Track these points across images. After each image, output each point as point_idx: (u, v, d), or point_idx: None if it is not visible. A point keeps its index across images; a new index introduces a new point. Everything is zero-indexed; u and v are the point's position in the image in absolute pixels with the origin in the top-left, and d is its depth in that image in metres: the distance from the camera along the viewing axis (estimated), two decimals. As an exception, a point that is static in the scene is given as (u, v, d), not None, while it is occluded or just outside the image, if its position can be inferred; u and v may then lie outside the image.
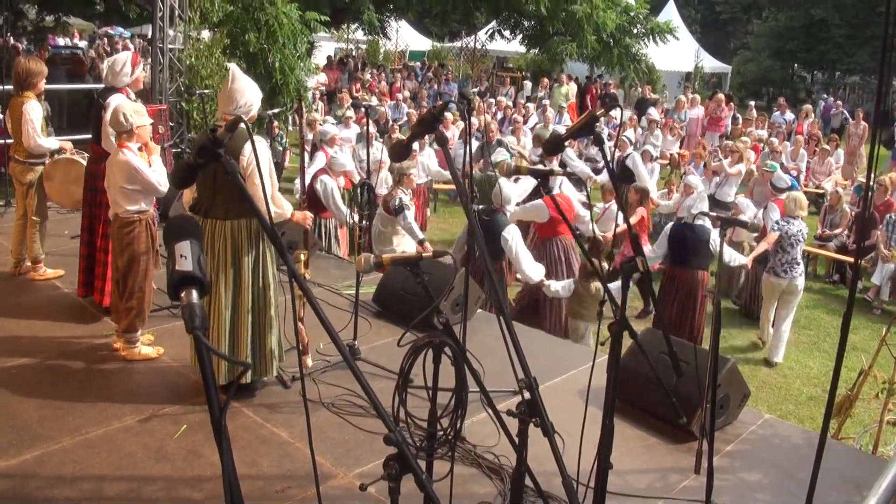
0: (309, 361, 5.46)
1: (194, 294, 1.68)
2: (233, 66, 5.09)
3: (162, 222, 6.23)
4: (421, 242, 8.36)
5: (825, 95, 29.41)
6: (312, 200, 8.71)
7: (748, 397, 5.41)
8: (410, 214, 8.38)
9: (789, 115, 20.92)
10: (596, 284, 7.62)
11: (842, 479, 4.65)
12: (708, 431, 4.14)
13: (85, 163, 6.74)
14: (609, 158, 3.28)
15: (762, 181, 13.10)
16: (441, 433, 3.39)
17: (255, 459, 4.50)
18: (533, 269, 7.68)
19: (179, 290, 1.69)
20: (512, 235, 7.52)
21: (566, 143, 3.43)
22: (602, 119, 14.99)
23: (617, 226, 3.98)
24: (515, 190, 8.37)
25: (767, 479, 4.71)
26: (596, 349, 3.75)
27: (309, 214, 5.42)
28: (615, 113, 13.52)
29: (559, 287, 7.84)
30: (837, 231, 12.19)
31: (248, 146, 4.79)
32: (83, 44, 28.36)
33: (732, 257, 8.30)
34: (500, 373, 4.20)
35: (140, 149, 5.49)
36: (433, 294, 3.26)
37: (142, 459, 4.43)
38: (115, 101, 6.07)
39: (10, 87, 6.90)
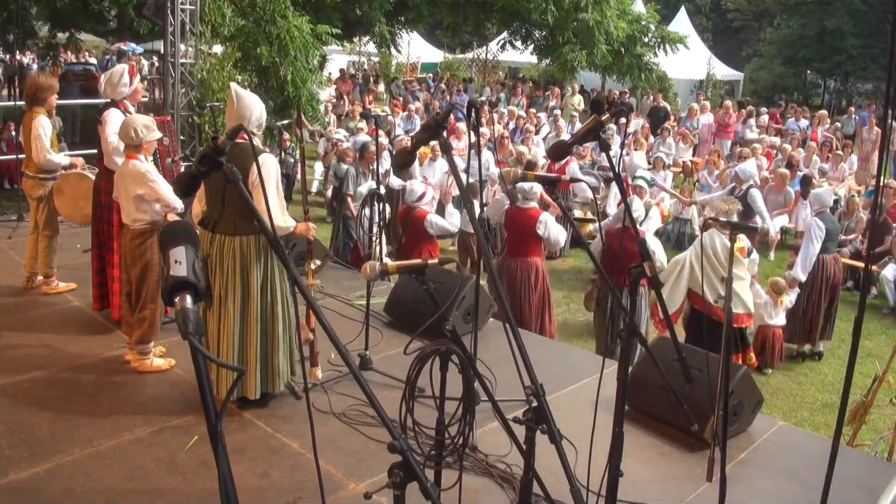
0: (318, 373, 5.43)
1: (188, 299, 1.67)
2: (233, 86, 5.05)
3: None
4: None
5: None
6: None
7: (762, 404, 5.37)
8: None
9: (803, 122, 20.80)
10: None
11: (857, 486, 4.59)
12: (720, 439, 4.11)
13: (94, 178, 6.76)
14: (616, 163, 3.27)
15: (775, 190, 13.10)
16: (449, 441, 3.38)
17: (267, 470, 4.49)
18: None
19: (173, 296, 1.68)
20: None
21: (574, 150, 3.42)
22: (615, 127, 15.04)
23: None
24: None
25: (781, 486, 4.67)
26: (604, 360, 3.73)
27: (312, 226, 5.30)
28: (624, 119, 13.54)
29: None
30: (852, 237, 12.09)
31: (260, 159, 4.72)
32: (94, 60, 28.50)
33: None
34: (513, 382, 4.18)
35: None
36: (440, 302, 3.25)
37: (153, 471, 4.44)
38: (111, 115, 6.09)
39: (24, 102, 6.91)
